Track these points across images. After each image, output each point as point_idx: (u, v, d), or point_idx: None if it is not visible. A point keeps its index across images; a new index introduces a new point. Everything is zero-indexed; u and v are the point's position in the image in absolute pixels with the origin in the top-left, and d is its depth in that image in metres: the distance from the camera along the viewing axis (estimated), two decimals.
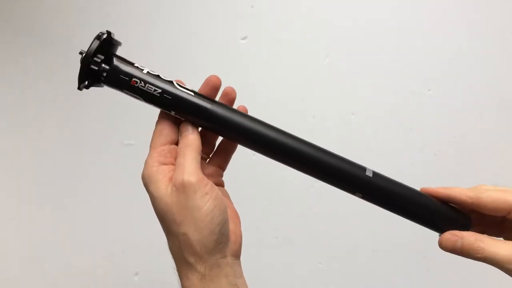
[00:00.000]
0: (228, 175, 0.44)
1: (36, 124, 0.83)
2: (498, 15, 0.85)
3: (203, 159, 0.41)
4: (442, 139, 0.85)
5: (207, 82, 0.41)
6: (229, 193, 0.43)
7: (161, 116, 0.39)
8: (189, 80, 0.91)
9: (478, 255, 0.37)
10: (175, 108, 0.37)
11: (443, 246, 0.39)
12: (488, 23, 0.85)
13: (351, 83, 0.84)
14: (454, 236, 0.38)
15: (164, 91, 0.36)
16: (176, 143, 0.38)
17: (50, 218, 0.83)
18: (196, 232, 0.33)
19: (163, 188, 0.34)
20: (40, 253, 0.83)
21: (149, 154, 0.36)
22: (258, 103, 0.88)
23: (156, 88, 0.36)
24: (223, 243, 0.34)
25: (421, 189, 0.41)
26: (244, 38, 0.84)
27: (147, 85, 0.37)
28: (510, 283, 0.86)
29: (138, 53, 0.85)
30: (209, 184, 0.34)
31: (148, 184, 0.35)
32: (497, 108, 0.85)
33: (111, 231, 0.83)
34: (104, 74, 0.36)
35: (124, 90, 0.37)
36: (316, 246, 0.85)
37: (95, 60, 0.36)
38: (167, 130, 0.38)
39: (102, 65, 0.36)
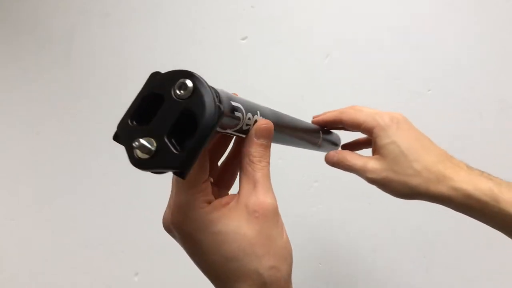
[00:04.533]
0: None
1: (36, 124, 0.83)
2: (498, 15, 0.85)
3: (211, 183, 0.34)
4: (442, 139, 0.85)
5: None
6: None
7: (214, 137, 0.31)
8: None
9: (346, 165, 0.48)
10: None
11: (326, 161, 0.50)
12: (488, 23, 0.85)
13: (351, 83, 0.84)
14: (334, 153, 0.50)
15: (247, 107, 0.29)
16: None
17: (50, 218, 0.83)
18: (283, 261, 0.29)
19: (235, 220, 0.28)
20: (40, 253, 0.83)
21: (188, 194, 0.28)
22: (258, 103, 0.88)
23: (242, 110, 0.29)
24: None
25: (312, 121, 0.53)
26: (244, 38, 0.84)
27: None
28: (510, 283, 0.86)
29: (138, 53, 0.85)
30: None
31: (206, 227, 0.28)
32: (497, 108, 0.85)
33: (111, 231, 0.83)
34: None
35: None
36: (316, 246, 0.85)
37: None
38: (208, 163, 0.29)
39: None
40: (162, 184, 0.89)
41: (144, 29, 0.84)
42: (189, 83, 0.23)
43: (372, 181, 0.45)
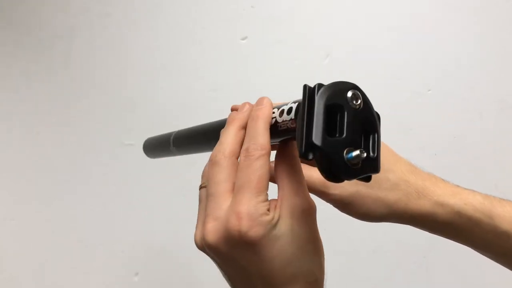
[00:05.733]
0: None
1: (36, 124, 0.83)
2: (498, 15, 0.85)
3: None
4: (442, 139, 0.85)
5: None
6: None
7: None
8: (189, 80, 0.92)
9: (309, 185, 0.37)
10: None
11: None
12: (488, 23, 0.85)
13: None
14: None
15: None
16: None
17: (50, 218, 0.83)
18: (321, 269, 0.28)
19: (289, 222, 0.27)
20: (40, 253, 0.83)
21: (254, 202, 0.27)
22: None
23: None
24: None
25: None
26: (244, 38, 0.84)
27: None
28: (511, 283, 0.86)
29: (138, 53, 0.85)
30: None
31: (270, 231, 0.27)
32: (497, 108, 0.85)
33: (111, 231, 0.82)
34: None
35: None
36: None
37: None
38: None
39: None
40: (163, 184, 0.90)
41: (144, 29, 0.84)
42: (358, 93, 0.26)
43: (336, 200, 0.36)
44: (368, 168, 0.25)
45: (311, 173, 0.36)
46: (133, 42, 0.84)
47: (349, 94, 0.25)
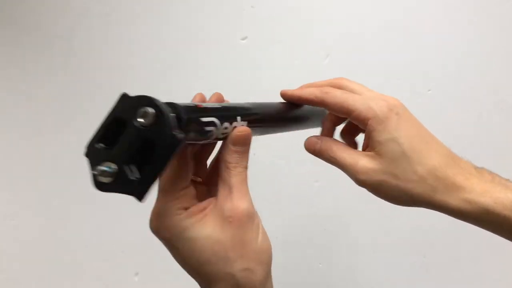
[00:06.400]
0: None
1: (36, 124, 0.83)
2: (498, 15, 0.85)
3: (197, 182, 0.35)
4: (442, 139, 0.85)
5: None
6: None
7: (183, 151, 0.31)
8: (189, 80, 0.92)
9: (330, 158, 0.39)
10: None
11: (305, 147, 0.41)
12: (488, 23, 0.85)
13: None
14: (316, 139, 0.40)
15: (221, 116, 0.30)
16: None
17: (50, 218, 0.83)
18: (257, 263, 0.29)
19: (209, 226, 0.29)
20: (40, 253, 0.83)
21: (165, 201, 0.30)
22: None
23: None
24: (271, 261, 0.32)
25: (281, 93, 0.45)
26: (244, 38, 0.84)
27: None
28: (511, 283, 0.86)
29: (138, 54, 0.85)
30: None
31: (182, 232, 0.29)
32: (497, 108, 0.85)
33: (111, 231, 0.82)
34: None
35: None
36: (316, 246, 0.85)
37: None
38: (187, 171, 0.31)
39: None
40: None
41: (144, 29, 0.84)
42: (151, 111, 0.24)
43: (363, 183, 0.37)
44: (124, 188, 0.25)
45: (342, 153, 0.38)
46: (133, 42, 0.84)
47: (140, 110, 0.25)
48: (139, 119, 0.25)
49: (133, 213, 0.83)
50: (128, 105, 0.25)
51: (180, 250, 0.30)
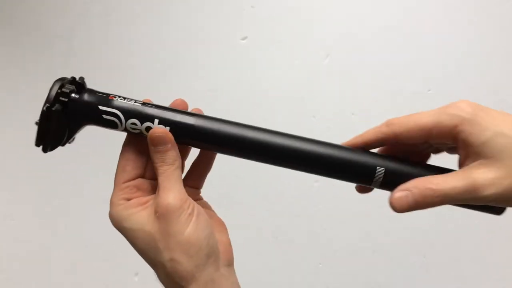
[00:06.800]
0: (229, 176, 0.44)
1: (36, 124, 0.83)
2: (498, 15, 0.85)
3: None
4: None
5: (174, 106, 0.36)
6: (230, 194, 0.42)
7: (125, 147, 0.36)
8: (189, 80, 0.92)
9: (436, 199, 0.30)
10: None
11: (398, 209, 0.32)
12: (488, 23, 0.85)
13: (351, 83, 0.84)
14: (401, 191, 0.31)
15: (144, 116, 0.34)
16: (142, 176, 0.36)
17: (50, 218, 0.83)
18: (183, 255, 0.31)
19: (142, 218, 0.33)
20: (40, 253, 0.83)
21: (113, 192, 0.35)
22: (258, 103, 0.88)
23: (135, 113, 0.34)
24: (214, 255, 0.33)
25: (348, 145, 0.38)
26: (244, 38, 0.84)
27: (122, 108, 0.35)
28: (510, 284, 0.86)
29: (138, 54, 0.85)
30: (191, 204, 0.33)
31: (120, 222, 0.34)
32: (497, 108, 0.85)
33: (111, 231, 0.82)
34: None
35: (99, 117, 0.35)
36: (316, 246, 0.85)
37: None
38: (131, 166, 0.35)
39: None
40: None
41: (144, 29, 0.84)
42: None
43: (492, 198, 0.30)
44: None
45: (447, 183, 0.31)
46: (133, 42, 0.84)
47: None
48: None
49: None
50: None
51: (127, 237, 0.34)
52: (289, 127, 0.42)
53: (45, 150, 0.35)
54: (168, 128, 0.34)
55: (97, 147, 0.83)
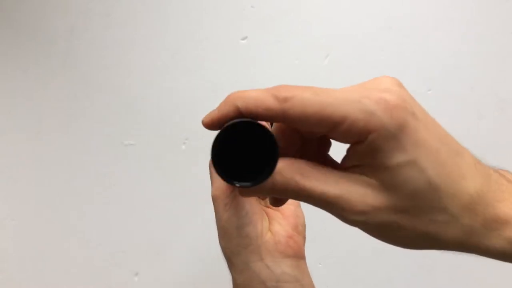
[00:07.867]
0: None
1: (36, 124, 0.83)
2: (498, 14, 0.85)
3: None
4: None
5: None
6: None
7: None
8: (189, 80, 0.92)
9: (300, 196, 0.25)
10: None
11: (244, 194, 0.29)
12: (488, 23, 0.85)
13: (351, 83, 0.84)
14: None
15: None
16: None
17: (50, 218, 0.83)
18: (221, 239, 0.36)
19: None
20: (40, 253, 0.83)
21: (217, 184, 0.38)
22: None
23: None
24: (249, 245, 0.35)
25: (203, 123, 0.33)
26: (244, 38, 0.84)
27: None
28: (511, 284, 0.86)
29: (138, 54, 0.85)
30: (231, 195, 0.35)
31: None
32: (497, 108, 0.85)
33: (111, 231, 0.83)
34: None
35: None
36: (316, 246, 0.85)
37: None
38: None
39: None
40: (163, 184, 0.90)
41: (144, 29, 0.84)
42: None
43: (359, 224, 0.27)
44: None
45: (322, 184, 0.25)
46: (133, 42, 0.84)
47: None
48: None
49: (133, 213, 0.83)
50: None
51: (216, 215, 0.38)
52: None
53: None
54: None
55: (97, 147, 0.83)
